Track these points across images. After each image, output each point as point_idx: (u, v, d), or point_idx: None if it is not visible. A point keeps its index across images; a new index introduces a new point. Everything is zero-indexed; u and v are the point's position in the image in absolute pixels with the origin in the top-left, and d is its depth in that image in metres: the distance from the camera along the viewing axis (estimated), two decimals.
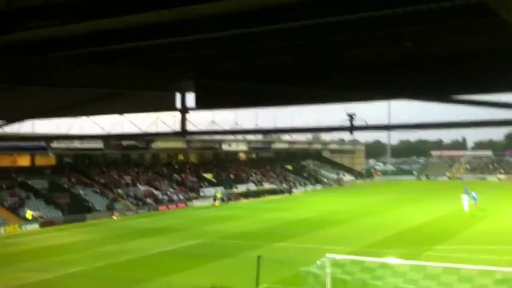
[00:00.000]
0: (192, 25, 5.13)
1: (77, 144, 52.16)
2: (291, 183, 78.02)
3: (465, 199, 46.04)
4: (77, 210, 47.65)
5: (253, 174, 77.25)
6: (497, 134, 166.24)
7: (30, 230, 41.77)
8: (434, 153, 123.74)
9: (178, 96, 8.68)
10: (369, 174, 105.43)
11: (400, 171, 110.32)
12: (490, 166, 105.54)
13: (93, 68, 7.14)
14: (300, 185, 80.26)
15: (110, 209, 50.82)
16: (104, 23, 4.85)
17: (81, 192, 52.89)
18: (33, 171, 54.40)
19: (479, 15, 4.93)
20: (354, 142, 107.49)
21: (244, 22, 5.02)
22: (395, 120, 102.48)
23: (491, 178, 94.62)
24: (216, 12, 4.81)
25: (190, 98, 8.61)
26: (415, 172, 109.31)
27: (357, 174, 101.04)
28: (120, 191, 56.03)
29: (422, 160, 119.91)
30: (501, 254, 25.64)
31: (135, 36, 5.48)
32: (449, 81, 6.59)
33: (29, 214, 43.93)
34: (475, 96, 6.53)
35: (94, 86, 7.91)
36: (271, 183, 75.45)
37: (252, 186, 70.19)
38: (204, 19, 4.98)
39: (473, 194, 47.84)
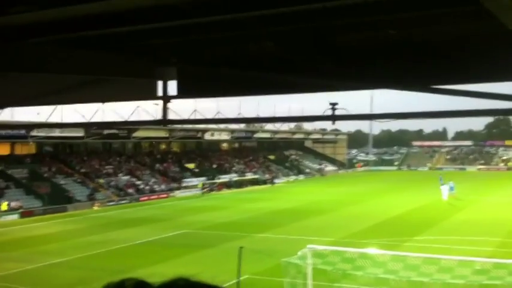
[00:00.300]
0: (173, 10, 5.07)
1: (57, 132, 51.55)
2: (274, 174, 78.20)
3: (444, 189, 46.69)
4: (57, 200, 47.24)
5: (235, 164, 77.27)
6: (478, 124, 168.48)
7: (9, 220, 41.27)
8: (415, 143, 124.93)
9: (160, 84, 8.60)
10: (351, 164, 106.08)
11: (382, 162, 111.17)
12: (470, 156, 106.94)
13: (73, 54, 7.02)
14: (283, 175, 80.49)
15: (91, 199, 50.50)
16: (84, 8, 4.77)
17: (62, 181, 52.43)
18: (12, 160, 53.73)
19: (461, 2, 4.95)
20: (336, 132, 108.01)
21: (228, 7, 4.97)
22: (377, 110, 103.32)
23: (471, 168, 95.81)
24: None
25: (173, 86, 8.54)
26: (396, 162, 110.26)
27: (339, 165, 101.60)
28: (101, 180, 55.67)
29: (403, 150, 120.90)
30: (480, 244, 26.06)
31: (116, 21, 5.40)
32: (431, 70, 6.62)
33: (4, 206, 43.25)
34: (457, 86, 6.58)
35: (74, 72, 7.79)
36: (254, 173, 75.55)
37: (234, 176, 70.21)
38: (187, 3, 4.92)
39: (451, 184, 48.37)
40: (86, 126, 44.93)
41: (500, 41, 5.85)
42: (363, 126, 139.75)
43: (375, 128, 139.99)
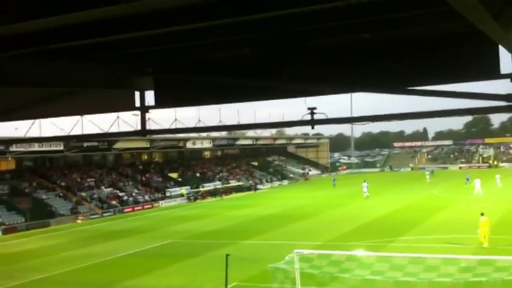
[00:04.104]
0: (148, 20, 5.03)
1: (36, 147, 50.92)
2: (256, 180, 78.12)
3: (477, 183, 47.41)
4: (40, 215, 46.58)
5: (219, 172, 77.05)
6: (457, 124, 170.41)
7: None
8: (396, 144, 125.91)
9: (137, 94, 8.53)
10: (334, 167, 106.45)
11: (365, 164, 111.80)
12: (451, 155, 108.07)
13: (49, 66, 6.93)
14: (267, 181, 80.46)
15: (74, 212, 49.92)
16: (58, 20, 4.71)
17: (44, 196, 51.75)
18: None
19: (431, 4, 4.99)
20: (318, 136, 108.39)
21: (201, 16, 4.95)
22: (357, 113, 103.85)
23: (453, 167, 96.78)
24: (173, 6, 4.72)
25: (151, 96, 8.48)
26: (378, 164, 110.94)
27: (323, 168, 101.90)
28: (83, 193, 55.07)
29: (385, 152, 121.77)
30: (464, 242, 26.26)
31: (91, 32, 5.34)
32: (407, 72, 6.68)
33: None
34: (433, 86, 6.64)
35: (51, 85, 7.70)
36: (238, 180, 75.41)
37: (218, 184, 69.99)
38: (160, 13, 4.89)
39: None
40: (65, 139, 44.47)
41: (473, 41, 5.92)
42: (345, 129, 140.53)
43: (356, 130, 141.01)
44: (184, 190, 63.25)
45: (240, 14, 4.98)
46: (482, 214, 26.30)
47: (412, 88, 6.80)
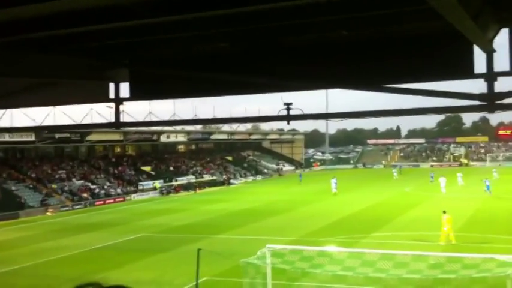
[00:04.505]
0: (124, 10, 4.92)
1: (7, 137, 49.95)
2: (230, 175, 78.05)
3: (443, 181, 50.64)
4: (9, 206, 45.73)
5: (193, 166, 76.74)
6: (430, 122, 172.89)
7: None
8: (370, 141, 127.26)
9: (112, 86, 8.38)
10: (308, 163, 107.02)
11: (338, 160, 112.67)
12: (423, 154, 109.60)
13: (22, 56, 6.76)
14: (241, 176, 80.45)
15: (44, 204, 49.18)
16: (31, 9, 4.56)
17: (13, 187, 50.87)
18: None
19: (408, 2, 5.00)
20: (293, 132, 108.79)
21: (178, 8, 4.87)
22: (332, 109, 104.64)
23: (424, 165, 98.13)
24: None
25: (125, 88, 8.34)
26: (352, 161, 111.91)
27: (297, 164, 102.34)
28: (54, 185, 54.28)
29: (359, 149, 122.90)
30: (434, 239, 26.64)
31: (66, 22, 5.20)
32: (382, 69, 6.71)
33: None
34: (408, 84, 6.68)
35: (24, 76, 7.52)
36: (212, 174, 75.23)
37: (192, 178, 69.71)
38: (137, 4, 4.79)
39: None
40: (36, 130, 43.74)
41: (448, 40, 5.96)
42: (320, 125, 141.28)
43: (331, 127, 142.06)
44: (157, 184, 62.92)
45: (219, 7, 4.91)
46: (444, 212, 26.84)
47: (387, 86, 6.81)
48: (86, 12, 4.93)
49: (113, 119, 8.89)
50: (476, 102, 6.18)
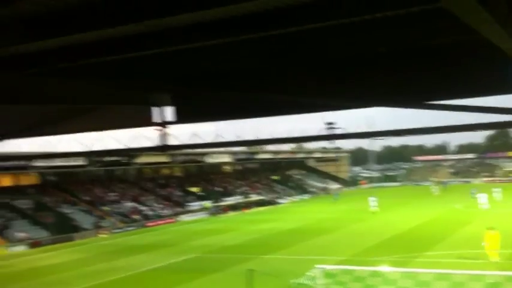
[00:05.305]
0: (163, 37, 5.14)
1: (59, 162, 51.63)
2: (277, 194, 78.00)
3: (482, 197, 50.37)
4: (63, 229, 47.11)
5: (239, 186, 77.15)
6: (478, 137, 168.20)
7: (17, 251, 41.18)
8: (417, 158, 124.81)
9: (157, 110, 8.66)
10: (354, 181, 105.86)
11: (385, 178, 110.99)
12: (473, 169, 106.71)
13: (69, 84, 7.05)
14: (287, 195, 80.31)
15: (97, 227, 50.38)
16: (78, 38, 4.88)
17: (67, 210, 52.34)
18: (16, 191, 53.71)
19: (444, 19, 4.99)
20: (338, 150, 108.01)
21: (218, 32, 5.04)
22: (376, 126, 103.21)
23: (476, 181, 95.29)
24: (189, 23, 4.82)
25: (170, 112, 8.60)
26: (399, 178, 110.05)
27: (343, 182, 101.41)
28: (106, 208, 55.59)
29: (406, 166, 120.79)
30: (489, 257, 25.87)
31: (109, 49, 5.49)
32: (425, 86, 6.66)
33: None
34: (452, 101, 6.62)
35: (71, 103, 7.85)
36: (258, 194, 75.40)
37: (239, 198, 70.05)
38: (177, 31, 5.00)
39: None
40: (86, 154, 45.01)
41: (493, 54, 5.90)
42: (364, 143, 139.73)
43: (376, 144, 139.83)
44: (208, 204, 63.56)
45: (265, 29, 5.04)
46: (490, 228, 26.13)
47: (430, 103, 6.76)
48: (128, 40, 5.20)
49: (158, 142, 9.16)
50: None
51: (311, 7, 4.58)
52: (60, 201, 54.13)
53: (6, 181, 55.41)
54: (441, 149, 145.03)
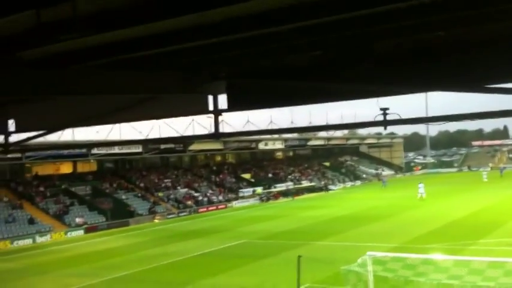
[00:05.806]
0: (218, 27, 5.23)
1: (116, 149, 53.16)
2: (328, 181, 77.63)
3: None
4: (119, 215, 48.61)
5: (291, 173, 77.22)
6: None
7: (75, 236, 42.87)
8: (474, 143, 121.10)
9: (210, 98, 8.80)
10: (408, 167, 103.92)
11: (441, 164, 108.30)
12: None
13: (126, 74, 7.32)
14: (339, 181, 79.81)
15: (152, 212, 51.69)
16: (132, 31, 5.04)
17: (123, 196, 53.92)
18: (75, 177, 55.76)
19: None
20: (392, 135, 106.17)
21: (272, 21, 5.07)
22: (433, 112, 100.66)
23: None
24: (242, 13, 4.88)
25: (223, 100, 8.73)
26: (456, 164, 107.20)
27: (397, 168, 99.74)
28: (160, 194, 56.91)
29: (463, 151, 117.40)
30: None
31: (165, 41, 5.63)
32: (485, 69, 6.44)
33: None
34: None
35: (129, 93, 8.12)
36: (310, 180, 75.26)
37: (290, 185, 70.17)
38: (231, 20, 5.07)
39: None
40: (143, 142, 46.16)
41: None
42: (420, 128, 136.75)
43: (432, 129, 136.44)
44: (260, 189, 64.18)
45: (314, 17, 5.04)
46: None
47: (490, 86, 6.54)
48: (183, 31, 5.32)
49: (212, 129, 9.32)
50: None
51: None
52: (116, 188, 55.80)
53: (66, 168, 57.57)
54: (501, 134, 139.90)
